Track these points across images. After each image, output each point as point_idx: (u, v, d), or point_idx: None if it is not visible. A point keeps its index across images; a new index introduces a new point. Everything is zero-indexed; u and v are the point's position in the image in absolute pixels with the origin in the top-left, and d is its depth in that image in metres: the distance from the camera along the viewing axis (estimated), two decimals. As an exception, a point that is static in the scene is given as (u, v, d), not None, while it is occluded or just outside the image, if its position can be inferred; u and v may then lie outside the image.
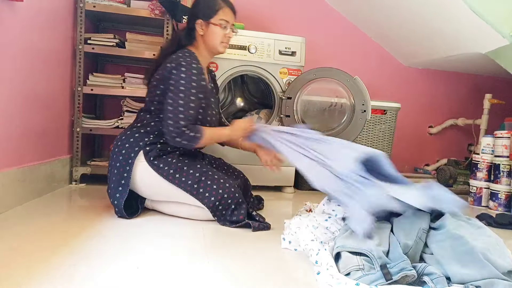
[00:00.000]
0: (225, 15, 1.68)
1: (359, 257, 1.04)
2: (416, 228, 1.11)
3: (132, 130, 1.63)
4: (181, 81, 1.54)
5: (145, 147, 1.58)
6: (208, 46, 1.70)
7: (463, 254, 1.00)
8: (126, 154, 1.57)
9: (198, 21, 1.67)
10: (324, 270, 1.05)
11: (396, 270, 0.97)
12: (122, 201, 1.53)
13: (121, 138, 1.62)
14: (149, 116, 1.65)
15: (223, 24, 1.67)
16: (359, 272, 1.00)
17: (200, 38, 1.70)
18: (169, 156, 1.60)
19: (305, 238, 1.26)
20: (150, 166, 1.56)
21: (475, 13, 2.07)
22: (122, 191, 1.55)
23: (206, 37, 1.68)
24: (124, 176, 1.56)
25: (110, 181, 1.59)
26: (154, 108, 1.64)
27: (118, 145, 1.61)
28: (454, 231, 1.07)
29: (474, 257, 0.99)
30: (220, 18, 1.66)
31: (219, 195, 1.53)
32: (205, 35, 1.68)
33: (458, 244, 1.03)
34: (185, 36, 1.71)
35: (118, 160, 1.58)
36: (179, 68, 1.56)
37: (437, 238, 1.08)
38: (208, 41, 1.69)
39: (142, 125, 1.64)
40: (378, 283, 0.96)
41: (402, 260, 1.00)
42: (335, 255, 1.12)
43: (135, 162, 1.56)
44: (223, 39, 1.69)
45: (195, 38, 1.70)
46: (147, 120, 1.64)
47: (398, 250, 1.04)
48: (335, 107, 2.36)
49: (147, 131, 1.62)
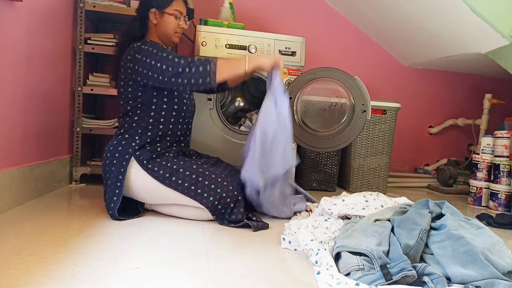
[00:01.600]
0: (179, 6, 1.70)
1: (359, 257, 1.04)
2: (418, 229, 1.10)
3: (117, 139, 1.62)
4: (153, 50, 1.56)
5: (135, 152, 1.57)
6: (162, 35, 1.71)
7: (463, 254, 1.01)
8: (117, 164, 1.56)
9: (152, 10, 1.68)
10: (324, 270, 1.04)
11: (396, 270, 0.97)
12: (115, 209, 1.52)
13: (109, 149, 1.61)
14: (128, 118, 1.64)
15: (177, 15, 1.69)
16: (359, 272, 1.00)
17: (153, 27, 1.71)
18: (163, 159, 1.58)
19: (305, 238, 1.26)
20: (144, 170, 1.55)
21: (475, 13, 2.07)
22: (116, 200, 1.54)
23: (159, 27, 1.70)
24: (118, 185, 1.55)
25: (106, 192, 1.58)
26: (130, 108, 1.63)
27: (108, 156, 1.60)
28: (454, 232, 1.07)
29: (475, 257, 0.99)
30: (174, 8, 1.69)
31: (217, 194, 1.53)
32: (158, 24, 1.70)
33: (458, 245, 1.03)
34: (139, 27, 1.72)
35: (111, 171, 1.57)
36: (139, 48, 1.58)
37: (438, 239, 1.08)
38: (161, 30, 1.70)
39: (125, 131, 1.63)
40: (378, 283, 0.96)
41: (402, 260, 1.00)
42: (335, 255, 1.12)
43: (127, 169, 1.56)
44: (176, 29, 1.71)
45: (148, 28, 1.71)
46: (127, 124, 1.63)
47: (398, 250, 1.04)
48: (335, 107, 2.36)
49: (131, 134, 1.61)
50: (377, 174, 2.59)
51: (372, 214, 1.30)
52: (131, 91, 1.62)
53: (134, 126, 1.62)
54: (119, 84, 1.67)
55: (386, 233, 1.13)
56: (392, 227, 1.19)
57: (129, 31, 1.73)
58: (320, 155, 2.61)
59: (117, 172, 1.55)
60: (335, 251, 1.12)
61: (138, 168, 1.56)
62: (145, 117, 1.62)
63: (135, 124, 1.62)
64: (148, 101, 1.62)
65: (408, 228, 1.12)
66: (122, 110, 1.68)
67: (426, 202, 1.29)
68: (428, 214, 1.19)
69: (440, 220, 1.16)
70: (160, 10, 1.68)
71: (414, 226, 1.12)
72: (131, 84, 1.61)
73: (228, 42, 2.25)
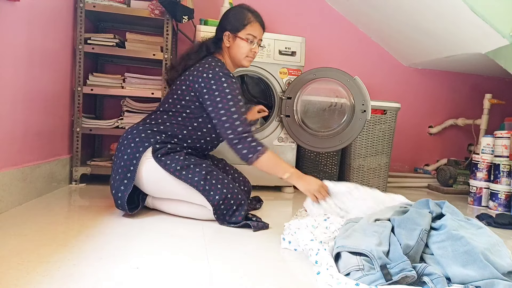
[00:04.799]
0: (254, 30, 1.67)
1: (359, 257, 1.04)
2: (418, 229, 1.11)
3: (144, 126, 1.61)
4: (226, 90, 1.55)
5: (155, 145, 1.56)
6: (233, 58, 1.71)
7: (463, 254, 1.01)
8: (134, 148, 1.56)
9: (226, 33, 1.67)
10: (324, 270, 1.04)
11: (396, 270, 0.98)
12: (126, 195, 1.52)
13: (132, 132, 1.60)
14: (166, 116, 1.63)
15: (250, 39, 1.67)
16: (359, 272, 1.00)
17: (226, 49, 1.71)
18: (176, 154, 1.58)
19: (305, 238, 1.26)
20: (156, 162, 1.55)
21: (475, 13, 2.07)
22: (127, 184, 1.54)
23: (231, 50, 1.69)
24: (131, 169, 1.54)
25: (115, 173, 1.57)
26: (176, 110, 1.63)
27: (128, 138, 1.59)
28: (454, 232, 1.07)
29: (475, 257, 0.99)
30: (247, 32, 1.66)
31: (223, 194, 1.53)
32: (231, 47, 1.69)
33: (458, 245, 1.03)
34: (213, 45, 1.72)
35: (126, 153, 1.56)
36: (218, 77, 1.56)
37: (438, 239, 1.09)
38: (233, 54, 1.70)
39: (156, 123, 1.62)
40: (378, 284, 0.96)
41: (402, 261, 1.00)
42: (335, 255, 1.12)
43: (142, 158, 1.55)
44: (248, 54, 1.70)
45: (222, 48, 1.71)
46: (162, 120, 1.63)
47: (398, 251, 1.04)
48: (335, 107, 2.36)
49: (160, 130, 1.61)
50: (377, 174, 2.59)
51: (372, 214, 1.30)
52: (188, 99, 1.61)
53: (167, 125, 1.62)
54: (178, 84, 1.66)
55: (387, 233, 1.13)
56: (392, 227, 1.19)
57: (203, 45, 1.73)
58: (320, 155, 2.61)
59: (132, 156, 1.55)
60: (335, 251, 1.11)
61: (151, 160, 1.55)
62: (182, 126, 1.63)
63: (169, 124, 1.62)
64: (195, 116, 1.63)
65: (408, 228, 1.12)
66: (165, 106, 1.66)
67: (426, 201, 1.29)
68: (429, 214, 1.19)
69: (440, 220, 1.16)
70: (233, 33, 1.67)
71: (415, 226, 1.12)
72: (192, 94, 1.61)
73: (228, 42, 2.25)
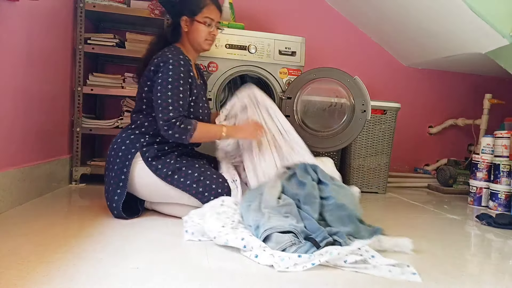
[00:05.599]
0: (210, 12, 1.67)
1: (288, 234, 1.23)
2: (317, 202, 1.41)
3: (127, 133, 1.62)
4: (169, 73, 1.54)
5: (142, 148, 1.57)
6: (193, 42, 1.70)
7: (346, 217, 1.38)
8: (123, 157, 1.56)
9: (183, 17, 1.67)
10: (261, 252, 1.17)
11: (320, 239, 1.22)
12: (120, 203, 1.52)
13: (116, 141, 1.61)
14: (142, 116, 1.64)
15: (208, 22, 1.67)
16: (294, 246, 1.20)
17: (185, 34, 1.70)
18: (167, 157, 1.59)
19: (215, 227, 1.30)
20: (147, 166, 1.55)
21: (475, 13, 2.07)
22: (120, 193, 1.54)
23: (190, 34, 1.68)
24: (122, 178, 1.55)
25: (108, 185, 1.58)
26: (146, 107, 1.63)
27: (114, 148, 1.60)
28: (339, 202, 1.42)
29: (352, 219, 1.38)
30: (205, 15, 1.66)
31: (218, 194, 1.54)
32: (189, 31, 1.68)
33: (341, 210, 1.40)
34: (171, 33, 1.71)
35: (115, 163, 1.57)
36: (167, 61, 1.56)
37: (329, 208, 1.42)
38: (192, 38, 1.69)
39: (136, 127, 1.63)
40: (312, 251, 1.18)
41: (321, 231, 1.25)
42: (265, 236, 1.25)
43: (132, 164, 1.56)
44: (207, 37, 1.69)
45: (181, 34, 1.70)
46: (140, 121, 1.63)
47: (314, 224, 1.30)
48: (335, 107, 2.36)
49: (142, 132, 1.61)
50: (377, 174, 2.59)
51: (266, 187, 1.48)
52: (147, 91, 1.61)
53: (146, 125, 1.62)
54: (142, 80, 1.66)
55: (295, 211, 1.37)
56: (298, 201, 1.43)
57: (163, 35, 1.74)
58: (320, 155, 2.61)
59: (122, 165, 1.55)
60: (266, 233, 1.24)
61: (143, 165, 1.56)
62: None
63: (147, 124, 1.62)
64: None
65: (311, 203, 1.41)
66: (137, 107, 1.67)
67: (304, 167, 1.59)
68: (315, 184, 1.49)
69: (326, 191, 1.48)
70: (190, 17, 1.66)
71: (314, 199, 1.42)
72: (148, 84, 1.61)
73: (228, 42, 2.25)
